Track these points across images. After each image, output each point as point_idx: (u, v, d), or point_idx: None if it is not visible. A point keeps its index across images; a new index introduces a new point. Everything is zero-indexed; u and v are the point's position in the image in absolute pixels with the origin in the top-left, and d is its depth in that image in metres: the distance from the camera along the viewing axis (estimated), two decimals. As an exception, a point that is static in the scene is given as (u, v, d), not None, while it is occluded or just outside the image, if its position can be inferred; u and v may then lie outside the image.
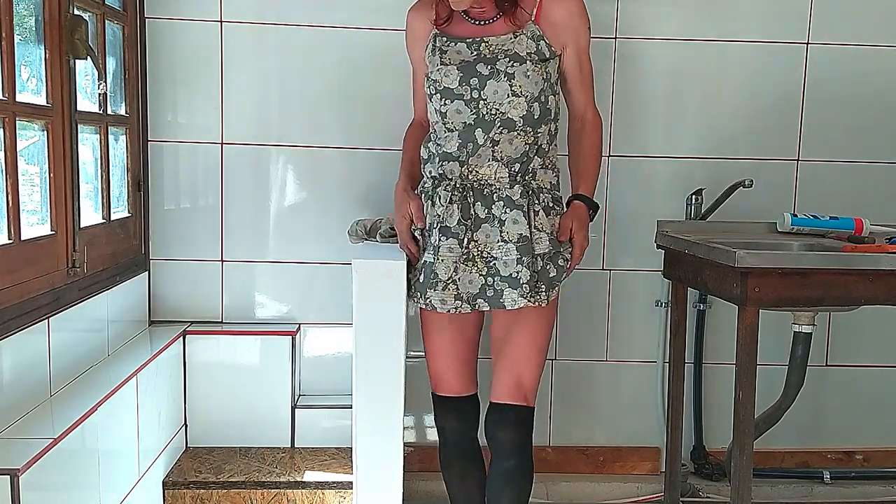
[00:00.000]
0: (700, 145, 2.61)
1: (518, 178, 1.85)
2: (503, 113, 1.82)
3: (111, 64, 2.27)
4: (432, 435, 2.65)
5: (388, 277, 1.89)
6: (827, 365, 2.71)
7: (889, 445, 2.76)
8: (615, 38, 2.54)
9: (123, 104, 2.35)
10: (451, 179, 1.87)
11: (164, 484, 2.22)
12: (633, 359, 2.68)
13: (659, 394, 2.63)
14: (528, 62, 1.83)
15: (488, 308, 1.87)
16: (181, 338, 2.43)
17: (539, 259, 1.85)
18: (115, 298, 2.21)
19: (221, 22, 2.46)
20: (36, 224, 1.84)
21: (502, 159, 1.84)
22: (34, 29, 1.82)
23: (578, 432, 2.70)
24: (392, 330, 1.90)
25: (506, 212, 1.83)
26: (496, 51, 1.85)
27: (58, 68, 1.87)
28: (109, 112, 2.21)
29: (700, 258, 1.95)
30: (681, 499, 2.41)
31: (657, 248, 2.22)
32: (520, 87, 1.82)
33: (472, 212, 1.85)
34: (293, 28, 2.47)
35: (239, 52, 2.47)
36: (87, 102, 2.08)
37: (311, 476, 2.28)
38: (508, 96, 1.82)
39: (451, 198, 1.85)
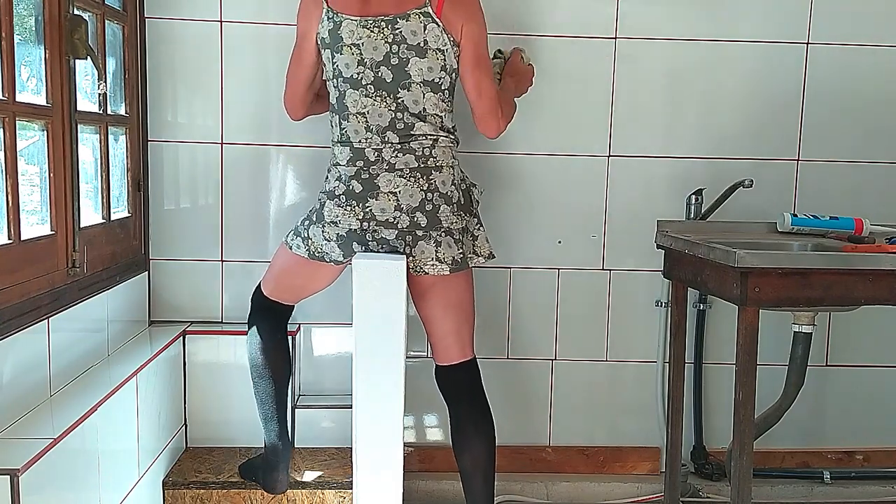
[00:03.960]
0: (700, 145, 2.60)
1: None
2: None
3: (111, 64, 2.27)
4: (432, 435, 2.66)
5: (388, 277, 1.89)
6: (827, 365, 2.71)
7: (889, 445, 2.76)
8: (615, 38, 2.54)
9: (123, 104, 2.35)
10: None
11: (164, 484, 2.22)
12: (633, 359, 2.68)
13: (659, 394, 2.63)
14: None
15: None
16: (181, 338, 2.43)
17: None
18: (114, 298, 2.21)
19: (221, 22, 2.46)
20: (36, 224, 1.84)
21: None
22: (34, 29, 1.82)
23: (578, 432, 2.70)
24: (392, 330, 1.90)
25: None
26: None
27: (58, 68, 1.87)
28: (109, 112, 2.21)
29: (700, 258, 1.95)
30: (681, 499, 2.41)
31: (657, 249, 2.22)
32: None
33: None
34: (293, 28, 2.46)
35: (239, 52, 2.47)
36: (87, 102, 2.08)
37: (311, 476, 2.28)
38: None
39: None
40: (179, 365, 2.42)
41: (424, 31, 1.93)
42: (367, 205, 1.97)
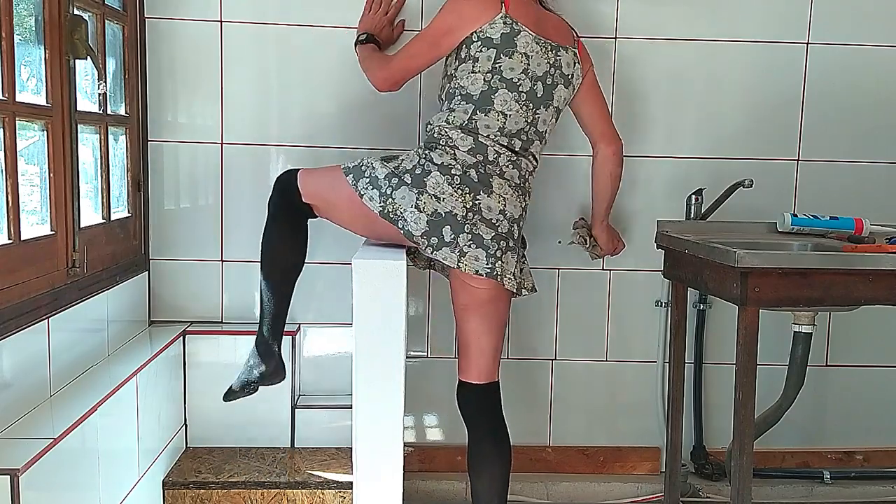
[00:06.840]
0: (700, 145, 2.60)
1: None
2: None
3: (111, 64, 2.27)
4: (432, 435, 2.66)
5: (388, 277, 1.89)
6: (827, 365, 2.71)
7: (889, 445, 2.76)
8: (615, 38, 2.54)
9: (123, 104, 2.35)
10: None
11: (164, 484, 2.22)
12: (633, 359, 2.68)
13: (659, 394, 2.63)
14: None
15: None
16: (181, 338, 2.43)
17: None
18: (114, 298, 2.21)
19: (221, 22, 2.46)
20: (36, 224, 1.84)
21: None
22: (34, 29, 1.82)
23: (578, 432, 2.70)
24: (392, 330, 1.90)
25: None
26: None
27: (58, 68, 1.87)
28: (109, 112, 2.21)
29: (700, 258, 1.95)
30: (681, 499, 2.41)
31: (657, 248, 2.22)
32: None
33: None
34: (293, 28, 2.47)
35: (239, 52, 2.48)
36: (87, 102, 2.08)
37: (311, 476, 2.28)
38: None
39: None
40: (179, 365, 2.42)
41: (573, 66, 2.12)
42: (478, 197, 1.97)
